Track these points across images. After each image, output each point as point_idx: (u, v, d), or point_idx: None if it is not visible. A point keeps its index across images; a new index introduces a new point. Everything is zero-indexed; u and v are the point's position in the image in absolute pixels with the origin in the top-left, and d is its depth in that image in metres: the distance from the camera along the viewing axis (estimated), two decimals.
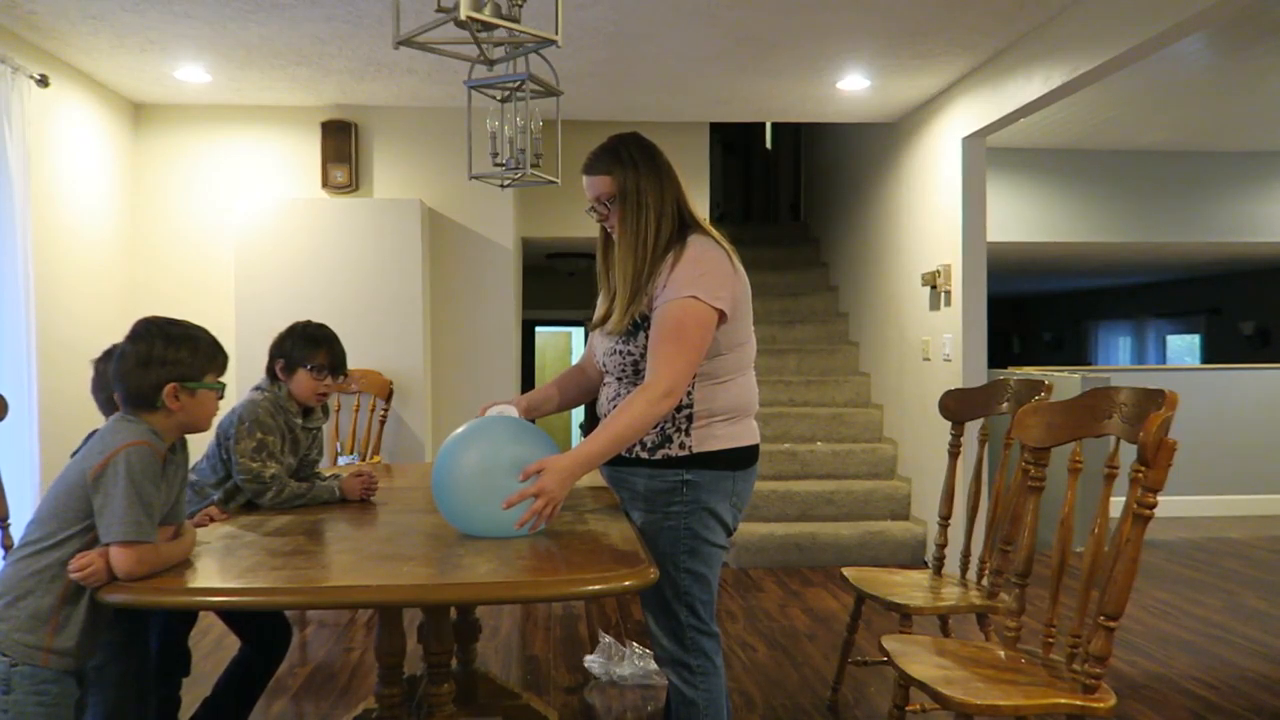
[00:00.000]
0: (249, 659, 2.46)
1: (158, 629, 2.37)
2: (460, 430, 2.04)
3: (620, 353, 2.07)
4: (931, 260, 5.00)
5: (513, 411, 2.14)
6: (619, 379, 2.12)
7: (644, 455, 2.05)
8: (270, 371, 2.48)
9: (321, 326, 2.54)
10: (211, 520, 2.18)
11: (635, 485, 2.09)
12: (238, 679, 2.44)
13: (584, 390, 2.35)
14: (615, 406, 2.11)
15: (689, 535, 2.04)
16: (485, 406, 2.17)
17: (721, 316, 1.99)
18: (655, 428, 2.02)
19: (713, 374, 2.03)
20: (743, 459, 2.09)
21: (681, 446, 2.03)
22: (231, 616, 2.49)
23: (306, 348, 2.46)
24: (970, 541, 2.93)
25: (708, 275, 1.98)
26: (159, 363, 1.76)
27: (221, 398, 1.89)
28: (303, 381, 2.45)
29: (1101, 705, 1.87)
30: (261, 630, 2.46)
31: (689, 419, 2.03)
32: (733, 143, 10.06)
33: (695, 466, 2.03)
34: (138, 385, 1.76)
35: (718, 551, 2.09)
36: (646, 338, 2.02)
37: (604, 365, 2.16)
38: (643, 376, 2.04)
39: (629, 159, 2.07)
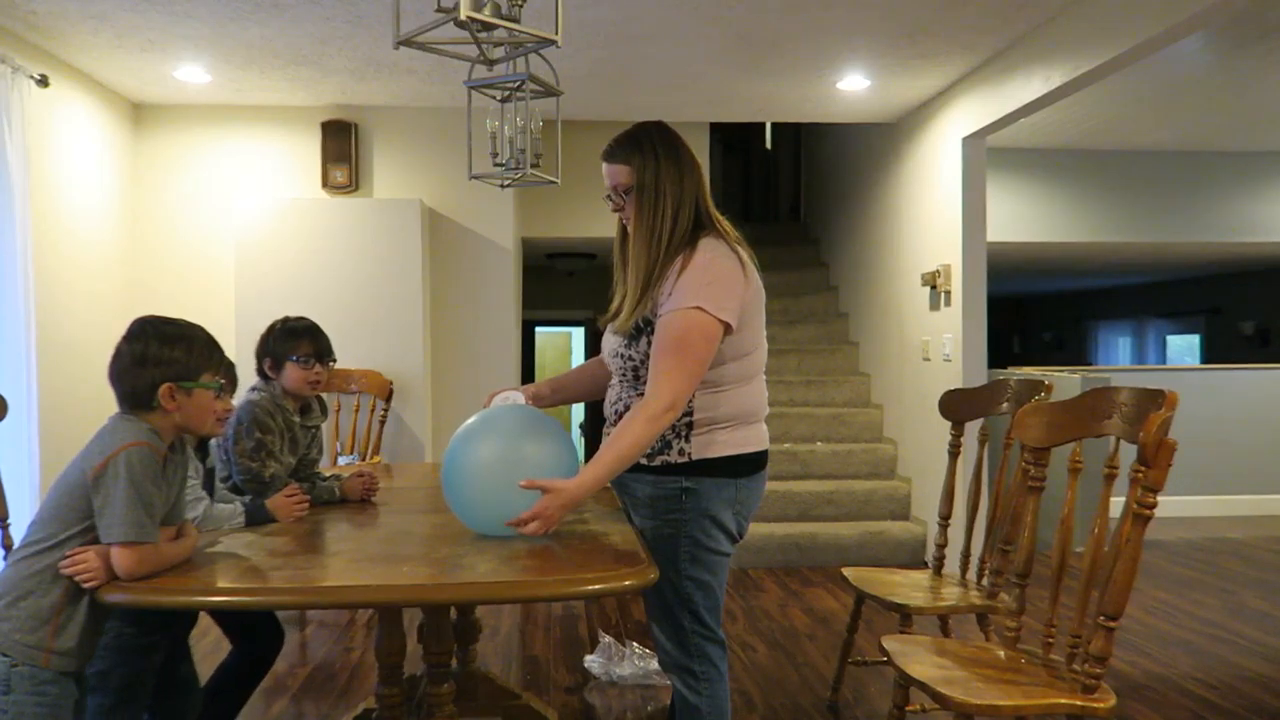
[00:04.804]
0: (237, 664, 2.44)
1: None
2: (472, 421, 1.99)
3: (622, 355, 2.04)
4: (931, 260, 5.00)
5: (520, 399, 2.12)
6: (621, 381, 2.09)
7: (644, 462, 2.00)
8: (260, 372, 2.48)
9: (300, 319, 2.55)
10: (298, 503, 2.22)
11: (636, 491, 2.06)
12: (225, 683, 2.42)
13: (597, 385, 2.29)
14: (617, 410, 2.09)
15: (690, 543, 2.00)
16: (492, 393, 2.15)
17: (727, 329, 1.92)
18: None
19: (715, 382, 1.97)
20: (746, 466, 2.03)
21: (681, 453, 1.99)
22: (224, 619, 2.48)
23: (289, 340, 2.47)
24: (970, 541, 2.93)
25: (715, 284, 1.91)
26: (154, 362, 1.75)
27: (220, 397, 1.88)
28: (292, 374, 2.46)
29: (1101, 705, 1.87)
30: (253, 633, 2.44)
31: (689, 426, 1.98)
32: (733, 143, 10.06)
33: (695, 474, 1.99)
34: (133, 385, 1.75)
35: (721, 559, 2.05)
36: (648, 344, 1.97)
37: (610, 365, 2.12)
38: (642, 382, 1.99)
39: (650, 149, 1.98)
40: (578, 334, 12.44)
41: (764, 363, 2.08)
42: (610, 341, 2.10)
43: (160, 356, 1.76)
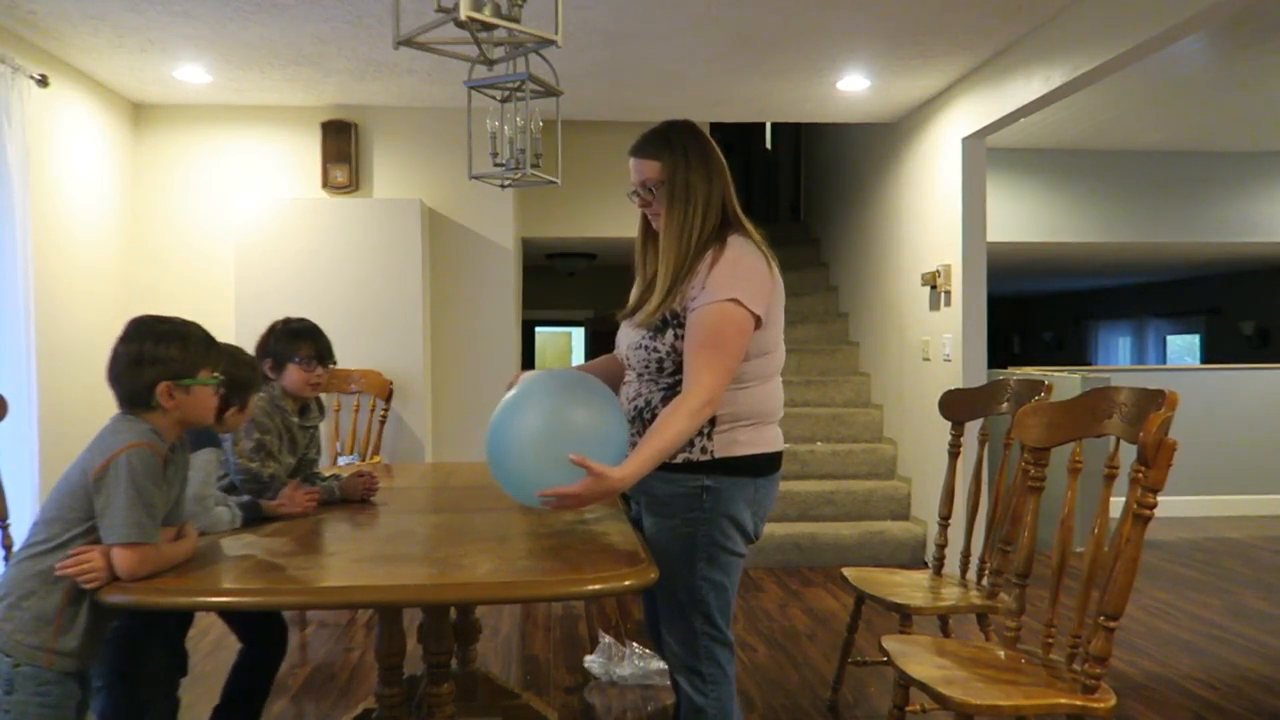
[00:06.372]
0: (251, 659, 2.46)
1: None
2: (518, 390, 1.96)
3: (646, 348, 2.02)
4: (931, 260, 5.00)
5: None
6: (640, 375, 2.07)
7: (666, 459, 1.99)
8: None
9: (302, 320, 2.56)
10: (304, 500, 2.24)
11: (654, 489, 2.03)
12: (245, 680, 2.44)
13: (610, 382, 2.25)
14: (636, 406, 2.07)
15: (708, 543, 1.99)
16: (515, 376, 2.14)
17: (757, 322, 1.95)
18: None
19: (736, 378, 1.97)
20: (765, 465, 2.04)
21: (703, 451, 1.98)
22: (231, 616, 2.49)
23: (291, 342, 2.48)
24: (970, 541, 2.93)
25: (747, 279, 1.93)
26: (150, 361, 1.75)
27: (220, 393, 1.88)
28: (293, 375, 2.47)
29: (1101, 705, 1.87)
30: (260, 628, 2.46)
31: (711, 423, 1.98)
32: (732, 142, 10.07)
33: (716, 472, 1.99)
34: (131, 385, 1.75)
35: (736, 560, 2.04)
36: (675, 336, 1.97)
37: (627, 359, 2.10)
38: (665, 375, 2.00)
39: (680, 148, 2.01)
40: (578, 334, 12.44)
41: (782, 363, 2.10)
42: (630, 335, 2.09)
43: (156, 355, 1.75)
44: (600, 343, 9.66)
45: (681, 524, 2.00)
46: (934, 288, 4.94)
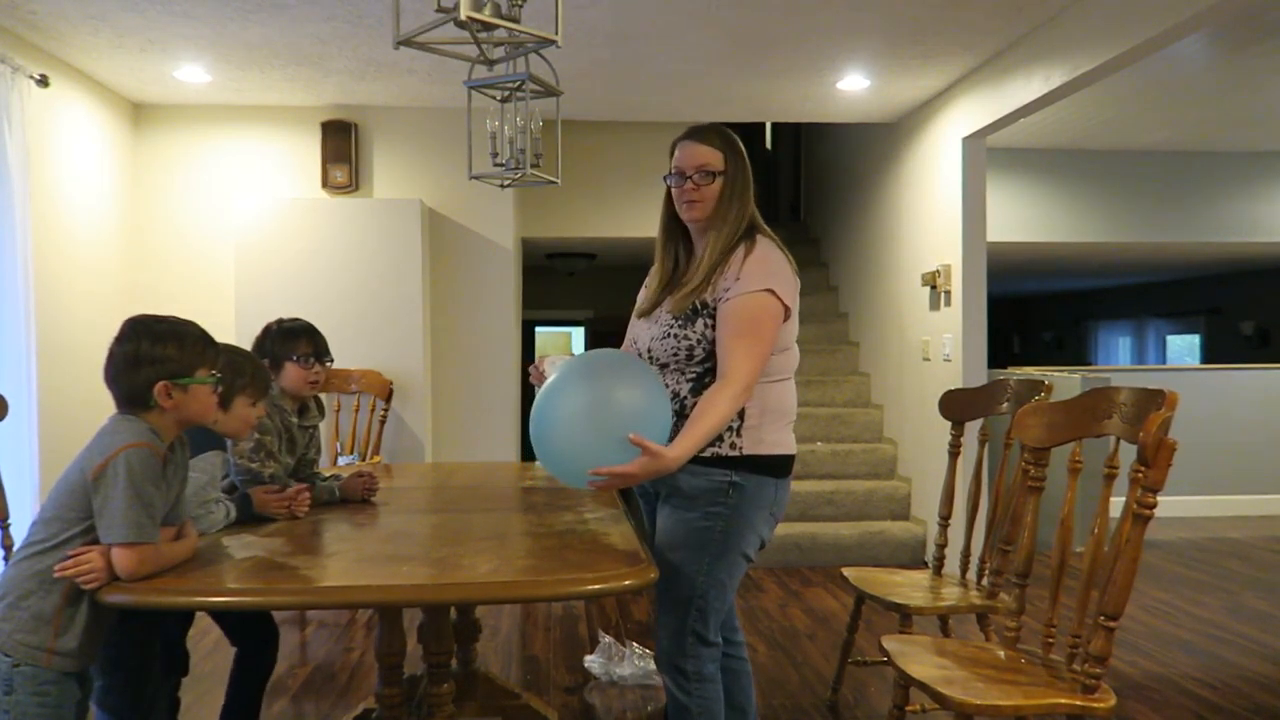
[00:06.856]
0: (248, 661, 2.45)
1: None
2: (562, 372, 1.95)
3: (675, 336, 2.05)
4: (931, 260, 5.00)
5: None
6: (665, 366, 2.08)
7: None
8: None
9: (296, 319, 2.58)
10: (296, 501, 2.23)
11: (677, 481, 2.03)
12: (246, 682, 2.44)
13: None
14: None
15: (722, 538, 2.01)
16: (541, 359, 2.16)
17: (786, 314, 2.04)
18: None
19: (765, 372, 2.03)
20: (784, 467, 2.09)
21: (733, 446, 2.02)
22: (225, 619, 2.48)
23: (288, 341, 2.49)
24: (970, 541, 2.93)
25: (779, 274, 2.04)
26: (147, 361, 1.75)
27: (218, 391, 1.88)
28: (292, 373, 2.47)
29: (1101, 705, 1.87)
30: (253, 631, 2.45)
31: (740, 418, 2.02)
32: None
33: (744, 469, 2.02)
34: (129, 386, 1.75)
35: (743, 563, 2.06)
36: (706, 326, 2.02)
37: (649, 351, 2.11)
38: (695, 363, 2.04)
39: (736, 146, 2.12)
40: (578, 334, 12.43)
41: (797, 363, 2.16)
42: (654, 328, 2.10)
43: (153, 355, 1.75)
44: (600, 343, 9.65)
45: (702, 518, 2.02)
46: (934, 288, 4.94)
